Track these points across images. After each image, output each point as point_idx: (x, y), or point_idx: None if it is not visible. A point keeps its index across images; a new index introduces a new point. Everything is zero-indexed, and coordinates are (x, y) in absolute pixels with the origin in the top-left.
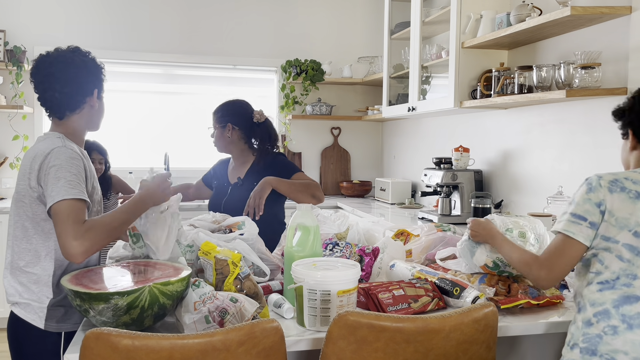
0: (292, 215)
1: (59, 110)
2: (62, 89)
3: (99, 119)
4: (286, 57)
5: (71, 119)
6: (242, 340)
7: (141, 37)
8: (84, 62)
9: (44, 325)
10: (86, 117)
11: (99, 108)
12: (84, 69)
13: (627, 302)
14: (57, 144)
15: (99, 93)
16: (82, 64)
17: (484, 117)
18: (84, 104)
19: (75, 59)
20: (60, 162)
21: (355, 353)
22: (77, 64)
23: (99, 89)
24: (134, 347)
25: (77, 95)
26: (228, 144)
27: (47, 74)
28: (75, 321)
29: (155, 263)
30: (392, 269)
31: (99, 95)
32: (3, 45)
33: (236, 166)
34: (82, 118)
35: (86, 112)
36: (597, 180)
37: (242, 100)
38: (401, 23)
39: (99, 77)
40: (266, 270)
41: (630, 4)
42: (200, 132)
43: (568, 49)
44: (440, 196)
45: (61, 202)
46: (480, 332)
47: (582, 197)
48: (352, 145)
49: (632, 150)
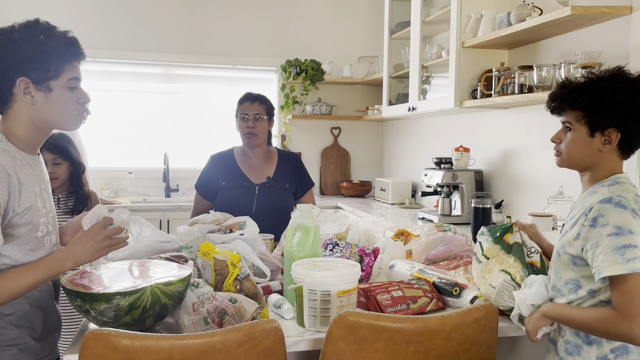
0: (292, 216)
1: None
2: None
3: (58, 115)
4: (286, 56)
5: (10, 113)
6: (242, 340)
7: (141, 37)
8: (10, 41)
9: None
10: (28, 114)
11: (47, 101)
12: (6, 51)
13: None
14: None
15: (37, 82)
16: (6, 42)
17: (484, 117)
18: (11, 96)
19: (3, 37)
20: None
21: (355, 353)
22: (2, 44)
23: (37, 76)
24: (133, 348)
25: (1, 85)
26: (265, 138)
27: None
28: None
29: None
30: (392, 269)
31: (39, 85)
32: None
33: (257, 164)
34: (22, 112)
35: (22, 106)
36: (627, 201)
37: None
38: (401, 23)
39: (39, 61)
40: (266, 271)
41: (631, 4)
42: (200, 132)
43: (568, 49)
44: (441, 196)
45: None
46: (481, 332)
47: (634, 223)
48: (352, 145)
49: (604, 151)
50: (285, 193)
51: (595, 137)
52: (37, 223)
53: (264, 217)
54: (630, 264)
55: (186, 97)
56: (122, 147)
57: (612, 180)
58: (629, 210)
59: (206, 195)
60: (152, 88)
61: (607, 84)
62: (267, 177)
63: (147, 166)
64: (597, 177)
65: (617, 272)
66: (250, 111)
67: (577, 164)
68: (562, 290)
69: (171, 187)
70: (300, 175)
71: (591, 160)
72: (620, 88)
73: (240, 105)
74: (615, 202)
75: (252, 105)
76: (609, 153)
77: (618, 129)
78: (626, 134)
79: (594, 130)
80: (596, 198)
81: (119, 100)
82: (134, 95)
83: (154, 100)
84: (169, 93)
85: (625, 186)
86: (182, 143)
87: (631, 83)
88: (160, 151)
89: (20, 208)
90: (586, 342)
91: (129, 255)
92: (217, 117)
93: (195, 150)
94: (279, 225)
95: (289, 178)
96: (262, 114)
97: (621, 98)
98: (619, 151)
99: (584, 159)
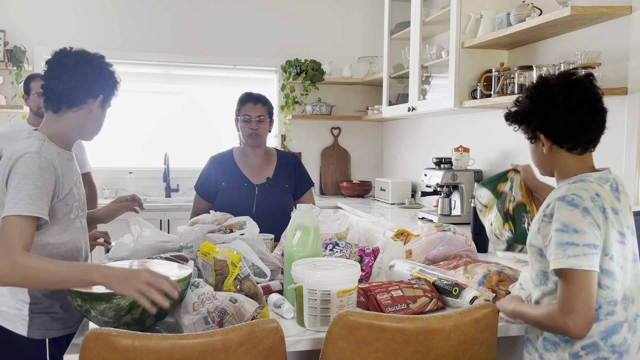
0: (292, 216)
1: (56, 102)
2: (68, 80)
3: (94, 128)
4: (286, 57)
5: (65, 116)
6: (242, 340)
7: (141, 37)
8: (100, 66)
9: (27, 332)
10: (81, 119)
11: (97, 116)
12: (97, 71)
13: (614, 332)
14: (33, 147)
15: (104, 102)
16: (97, 66)
17: (484, 117)
18: (84, 105)
19: (93, 60)
20: (27, 171)
21: (355, 353)
22: (92, 64)
23: (106, 97)
24: (133, 347)
25: (80, 92)
26: (266, 138)
27: (59, 64)
28: (60, 327)
29: (155, 262)
30: (392, 269)
31: (103, 104)
32: (3, 45)
33: (256, 165)
34: (76, 119)
35: (83, 114)
36: (581, 200)
37: None
38: (401, 23)
39: (110, 87)
40: (266, 271)
41: (630, 4)
42: (201, 132)
43: (568, 49)
44: (440, 196)
45: (11, 218)
46: (481, 332)
47: (582, 221)
48: (352, 145)
49: (550, 153)
50: (285, 193)
51: (536, 144)
52: (71, 207)
53: (264, 218)
54: (570, 260)
55: (186, 97)
56: (123, 147)
57: (577, 179)
58: (580, 209)
59: (206, 196)
60: (152, 88)
61: (521, 95)
62: (267, 178)
63: (148, 166)
64: (563, 177)
65: (558, 266)
66: (253, 113)
67: (542, 170)
68: (535, 281)
69: (171, 187)
70: (299, 176)
71: (547, 165)
72: (528, 95)
73: (242, 106)
74: (568, 200)
75: (255, 107)
76: (555, 153)
77: (540, 131)
78: (550, 133)
79: (530, 138)
80: (556, 195)
81: (119, 100)
82: (134, 95)
83: (154, 101)
84: (169, 93)
85: (587, 184)
86: (183, 143)
87: (537, 85)
88: (160, 151)
89: (62, 194)
90: (563, 339)
91: (130, 255)
92: (217, 117)
93: (196, 150)
94: (279, 225)
95: (288, 178)
96: (265, 115)
97: (529, 102)
98: (562, 149)
99: (541, 165)
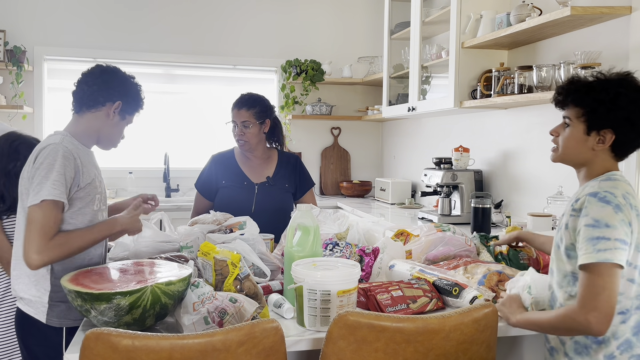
0: (292, 215)
1: (79, 103)
2: (92, 84)
3: (110, 135)
4: (286, 57)
5: (85, 117)
6: (242, 340)
7: (141, 37)
8: (124, 77)
9: (46, 319)
10: (98, 122)
11: (114, 123)
12: (120, 80)
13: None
14: (56, 140)
15: (122, 110)
16: (122, 77)
17: (484, 117)
18: (102, 107)
19: (120, 72)
20: (51, 160)
21: (355, 353)
22: (118, 75)
23: (124, 107)
24: (134, 347)
25: (100, 95)
26: (260, 141)
27: (90, 72)
28: (77, 317)
29: (155, 262)
30: (392, 269)
31: (122, 113)
32: (3, 45)
33: (257, 164)
34: (94, 120)
35: (101, 116)
36: (613, 197)
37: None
38: (401, 23)
39: (130, 98)
40: (266, 271)
41: (630, 4)
42: (201, 132)
43: (568, 49)
44: (440, 196)
45: (39, 205)
46: (481, 332)
47: (614, 217)
48: (352, 145)
49: (597, 149)
50: (285, 193)
51: (591, 136)
52: (93, 197)
53: (264, 217)
54: (600, 254)
55: (186, 97)
56: (123, 147)
57: (606, 176)
58: (612, 206)
59: (206, 195)
60: (152, 88)
61: (612, 87)
62: (267, 177)
63: (148, 166)
64: (592, 174)
65: (587, 261)
66: (238, 118)
67: (570, 160)
68: (561, 283)
69: (171, 187)
70: (299, 176)
71: (584, 158)
72: (623, 93)
73: (231, 111)
74: (600, 197)
75: (239, 112)
76: (601, 153)
77: (614, 131)
78: (620, 137)
79: (590, 129)
80: (586, 191)
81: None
82: None
83: (154, 101)
84: (169, 93)
85: (617, 182)
86: (183, 143)
87: (635, 89)
88: (160, 151)
89: (83, 183)
90: (595, 341)
91: (130, 255)
92: (217, 117)
93: (196, 150)
94: (278, 225)
95: (289, 178)
96: (250, 120)
97: (622, 102)
98: (612, 152)
99: (577, 156)
